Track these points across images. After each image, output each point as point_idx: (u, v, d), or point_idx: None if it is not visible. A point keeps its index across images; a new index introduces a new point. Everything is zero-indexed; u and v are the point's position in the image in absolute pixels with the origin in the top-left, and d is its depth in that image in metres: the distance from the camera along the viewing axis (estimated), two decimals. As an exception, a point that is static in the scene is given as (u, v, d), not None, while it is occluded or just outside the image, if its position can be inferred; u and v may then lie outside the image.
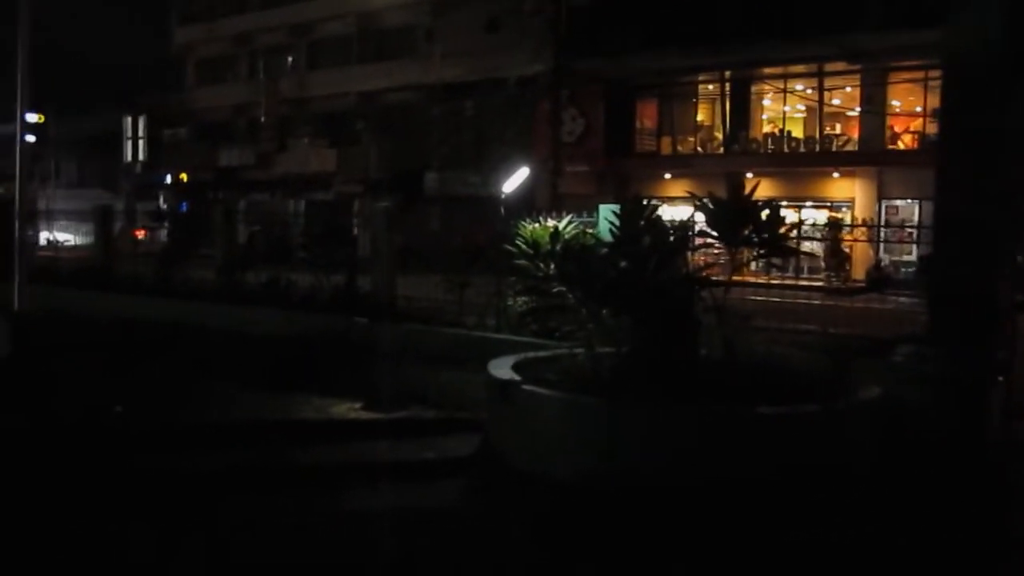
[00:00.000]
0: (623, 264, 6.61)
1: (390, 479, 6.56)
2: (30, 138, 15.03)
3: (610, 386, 6.31)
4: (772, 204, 6.91)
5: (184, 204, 39.97)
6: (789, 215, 15.07)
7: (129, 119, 38.85)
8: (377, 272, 11.19)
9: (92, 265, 15.72)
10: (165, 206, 44.91)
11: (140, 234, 24.38)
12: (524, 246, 7.42)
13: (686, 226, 6.84)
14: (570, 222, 9.51)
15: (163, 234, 21.40)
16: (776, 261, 7.52)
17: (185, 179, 49.09)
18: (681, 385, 6.18)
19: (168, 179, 49.62)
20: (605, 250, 6.85)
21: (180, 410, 7.94)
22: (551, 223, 9.52)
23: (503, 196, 14.44)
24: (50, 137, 56.52)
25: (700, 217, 7.38)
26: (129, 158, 38.29)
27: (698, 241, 7.51)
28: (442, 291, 11.13)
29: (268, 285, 12.80)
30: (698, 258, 8.07)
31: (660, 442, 6.01)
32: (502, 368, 7.20)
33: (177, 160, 49.53)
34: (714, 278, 7.15)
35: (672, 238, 6.67)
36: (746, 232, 6.82)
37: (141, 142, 37.38)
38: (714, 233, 7.01)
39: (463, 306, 11.08)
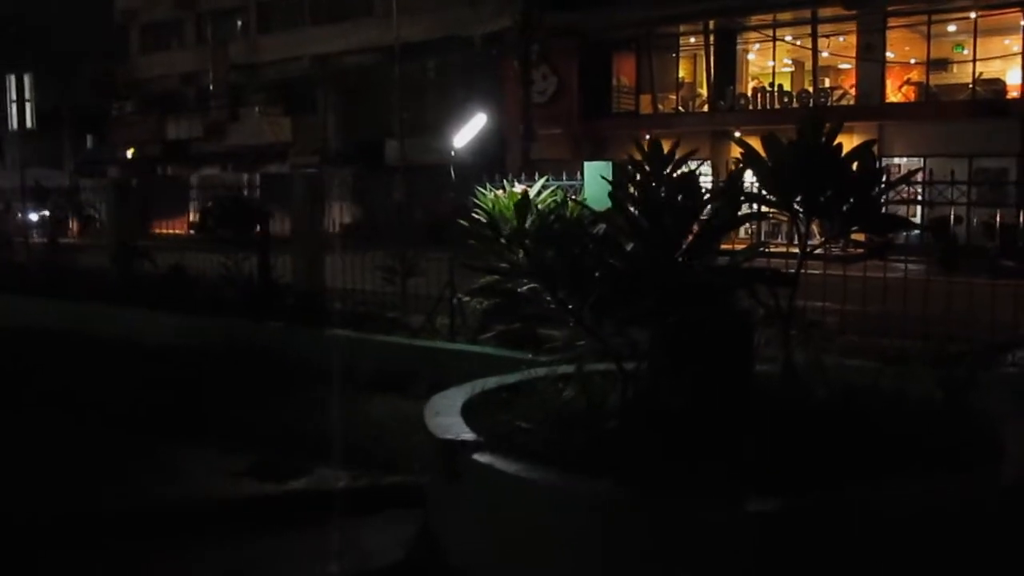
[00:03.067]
0: (632, 247, 4.10)
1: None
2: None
3: (616, 454, 3.82)
4: (864, 150, 4.38)
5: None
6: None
7: (12, 78, 32.31)
8: (298, 259, 8.64)
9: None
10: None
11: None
12: (482, 224, 4.87)
13: (736, 187, 4.27)
14: (546, 186, 6.96)
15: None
16: (858, 240, 4.96)
17: (132, 154, 46.08)
18: (731, 450, 3.70)
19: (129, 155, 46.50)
20: (601, 227, 4.32)
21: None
22: (520, 187, 6.95)
23: (453, 154, 11.64)
24: (-11, 115, 53.43)
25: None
26: (15, 125, 33.15)
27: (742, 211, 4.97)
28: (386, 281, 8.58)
29: (170, 278, 10.18)
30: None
31: (700, 557, 3.52)
32: (448, 410, 4.70)
33: (124, 134, 46.43)
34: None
35: (713, 206, 4.12)
36: (825, 196, 4.32)
37: (28, 105, 33.35)
38: (770, 197, 4.51)
39: (408, 301, 8.54)
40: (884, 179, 4.59)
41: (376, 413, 5.91)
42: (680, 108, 31.40)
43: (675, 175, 4.08)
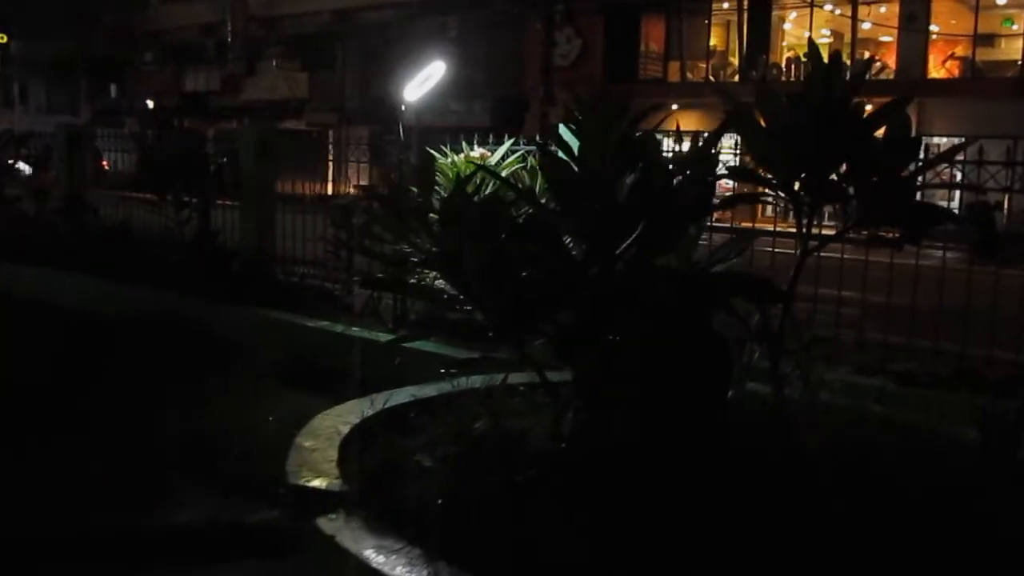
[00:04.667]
0: (569, 243, 2.97)
1: None
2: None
3: (525, 539, 2.72)
4: (895, 111, 3.19)
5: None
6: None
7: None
8: (246, 222, 7.56)
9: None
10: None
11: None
12: (379, 196, 3.74)
13: (707, 157, 3.07)
14: (514, 150, 5.86)
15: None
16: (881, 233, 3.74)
17: (151, 106, 45.21)
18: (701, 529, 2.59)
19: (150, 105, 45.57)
20: (529, 210, 3.20)
21: None
22: (479, 152, 5.86)
23: (403, 108, 10.15)
24: (13, 58, 52.74)
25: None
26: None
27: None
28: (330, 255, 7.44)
29: (115, 237, 9.12)
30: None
31: None
32: (327, 435, 3.62)
33: (141, 85, 45.49)
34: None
35: (680, 183, 2.95)
36: (840, 173, 3.16)
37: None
38: (764, 174, 3.36)
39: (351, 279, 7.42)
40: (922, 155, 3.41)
41: (281, 419, 4.83)
42: (711, 77, 29.89)
43: (624, 141, 2.92)
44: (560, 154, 3.14)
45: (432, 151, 5.64)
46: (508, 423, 3.87)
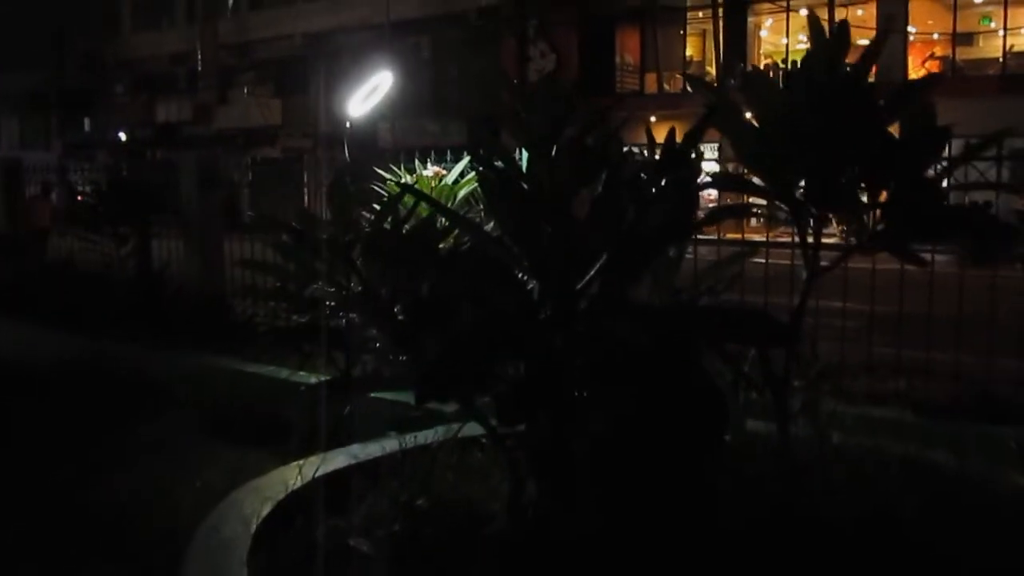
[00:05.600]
0: (521, 276, 2.34)
1: None
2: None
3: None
4: (913, 93, 2.58)
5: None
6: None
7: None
8: (191, 256, 6.91)
9: None
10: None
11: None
12: (282, 225, 3.10)
13: (687, 163, 2.41)
14: (471, 168, 5.26)
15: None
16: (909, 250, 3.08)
17: (124, 137, 44.55)
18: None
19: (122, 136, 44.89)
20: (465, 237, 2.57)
21: None
22: (433, 170, 5.23)
23: (348, 125, 9.26)
24: (-18, 92, 52.08)
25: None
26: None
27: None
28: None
29: (52, 276, 8.44)
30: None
31: None
32: (236, 522, 2.97)
33: (114, 116, 44.82)
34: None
35: (654, 195, 2.32)
36: (850, 173, 2.54)
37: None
38: (753, 179, 2.75)
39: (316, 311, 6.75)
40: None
41: (205, 484, 4.16)
42: (688, 88, 29.41)
43: (582, 146, 2.29)
44: (504, 167, 2.51)
45: (381, 170, 5.02)
46: (462, 489, 3.25)
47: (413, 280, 2.53)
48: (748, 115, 2.78)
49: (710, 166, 4.67)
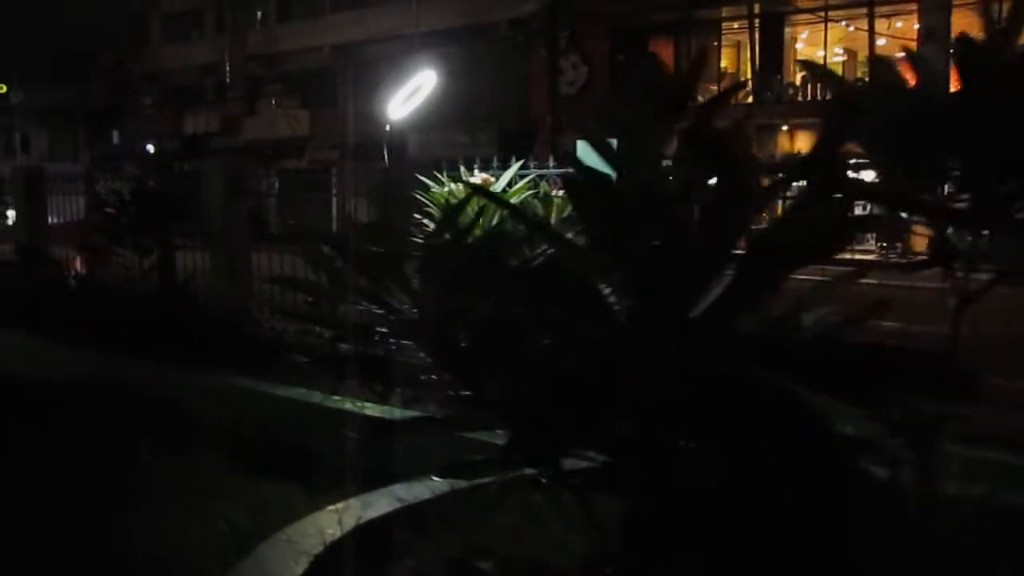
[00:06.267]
0: (611, 301, 1.86)
1: None
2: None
3: None
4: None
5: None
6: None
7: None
8: (217, 269, 6.50)
9: None
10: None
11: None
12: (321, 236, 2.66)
13: (834, 164, 1.94)
14: (521, 174, 4.80)
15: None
16: None
17: (153, 149, 44.60)
18: None
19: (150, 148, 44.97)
20: (545, 250, 2.10)
21: None
22: (481, 177, 4.80)
23: (388, 128, 8.54)
24: (13, 107, 52.40)
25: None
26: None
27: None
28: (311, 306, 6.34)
29: (77, 289, 8.07)
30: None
31: None
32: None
33: (142, 128, 44.88)
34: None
35: (797, 201, 1.85)
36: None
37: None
38: (885, 187, 2.26)
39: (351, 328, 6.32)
40: None
41: (231, 527, 3.71)
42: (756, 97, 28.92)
43: (698, 138, 1.83)
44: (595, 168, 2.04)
45: (424, 178, 4.57)
46: (522, 541, 2.80)
47: (481, 301, 2.08)
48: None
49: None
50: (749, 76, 28.63)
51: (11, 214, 11.61)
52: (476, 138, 30.00)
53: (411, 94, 6.47)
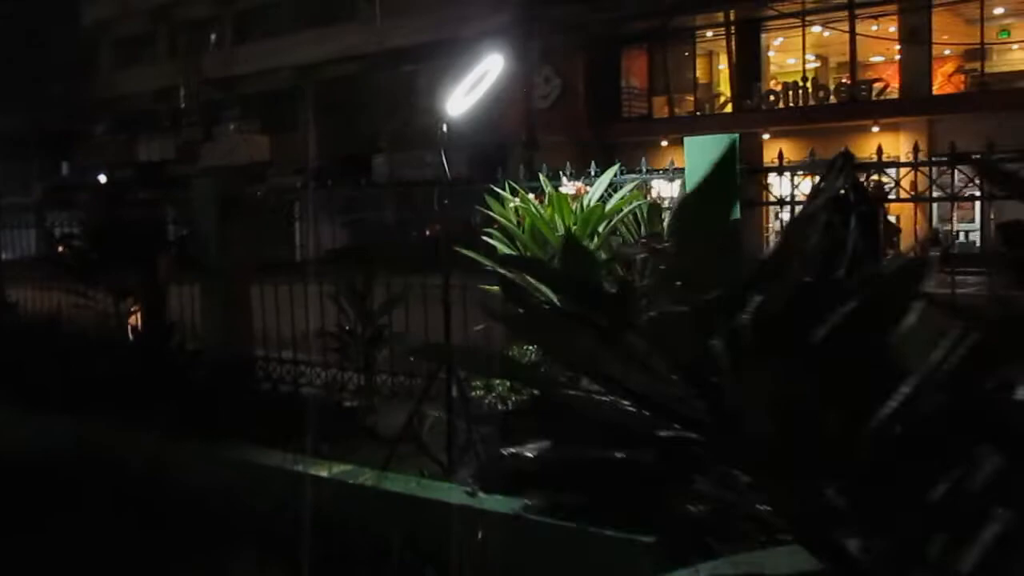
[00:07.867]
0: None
1: None
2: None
3: None
4: None
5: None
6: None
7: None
8: (211, 309, 5.41)
9: None
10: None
11: None
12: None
13: None
14: (615, 183, 3.78)
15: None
16: None
17: (106, 179, 43.01)
18: None
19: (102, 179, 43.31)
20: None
21: None
22: (573, 186, 3.81)
23: (444, 129, 7.53)
24: (-47, 140, 50.51)
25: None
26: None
27: None
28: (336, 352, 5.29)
29: (40, 339, 6.91)
30: None
31: None
32: None
33: (95, 158, 43.29)
34: None
35: None
36: None
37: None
38: None
39: (380, 381, 5.25)
40: None
41: None
42: (697, 113, 28.23)
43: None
44: None
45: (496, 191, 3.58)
46: None
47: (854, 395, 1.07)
48: None
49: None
50: (723, 85, 28.02)
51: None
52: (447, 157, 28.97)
53: (477, 82, 5.59)
